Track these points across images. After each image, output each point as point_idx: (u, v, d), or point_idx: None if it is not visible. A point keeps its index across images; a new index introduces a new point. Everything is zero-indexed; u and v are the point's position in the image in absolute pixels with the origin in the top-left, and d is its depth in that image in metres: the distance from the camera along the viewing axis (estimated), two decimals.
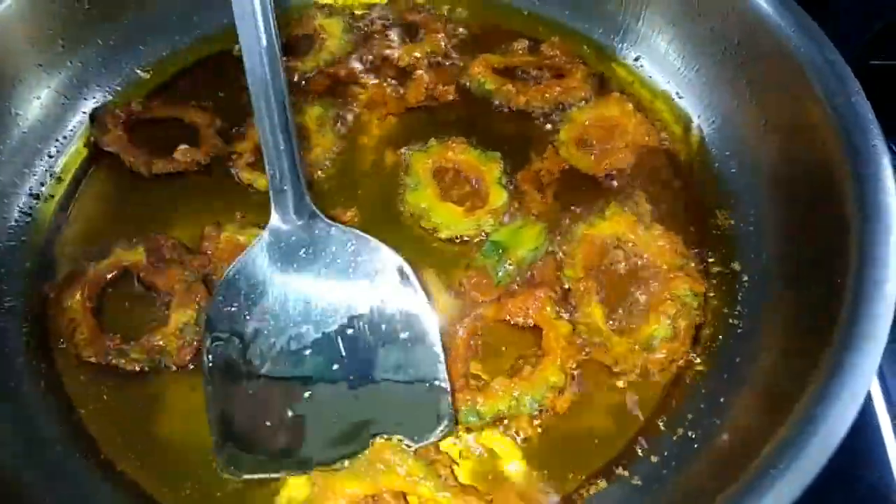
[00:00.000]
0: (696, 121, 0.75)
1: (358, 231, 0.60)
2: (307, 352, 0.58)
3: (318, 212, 0.60)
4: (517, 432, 0.58)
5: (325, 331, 0.58)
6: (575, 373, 0.60)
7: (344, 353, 0.57)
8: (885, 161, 0.55)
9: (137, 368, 0.61)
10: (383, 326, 0.57)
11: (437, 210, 0.69)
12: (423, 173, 0.70)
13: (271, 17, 0.55)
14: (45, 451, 0.58)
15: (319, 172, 0.73)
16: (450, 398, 0.56)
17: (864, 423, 0.64)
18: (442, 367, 0.56)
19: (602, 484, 0.56)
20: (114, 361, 0.61)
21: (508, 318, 0.63)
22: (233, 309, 0.58)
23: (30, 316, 0.65)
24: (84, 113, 0.76)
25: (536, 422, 0.59)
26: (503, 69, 0.79)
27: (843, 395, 0.45)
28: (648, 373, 0.60)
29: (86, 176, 0.74)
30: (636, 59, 0.80)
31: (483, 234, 0.67)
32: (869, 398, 0.65)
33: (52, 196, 0.72)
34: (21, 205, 0.71)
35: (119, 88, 0.79)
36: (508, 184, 0.70)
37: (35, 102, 0.74)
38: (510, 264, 0.64)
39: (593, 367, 0.61)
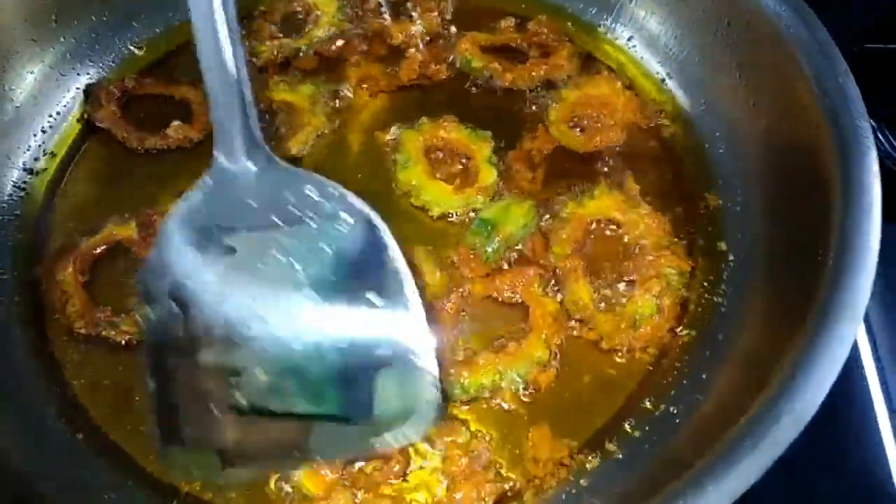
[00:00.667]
0: (686, 102, 0.75)
1: (320, 176, 0.51)
2: (259, 323, 0.48)
3: (273, 154, 0.50)
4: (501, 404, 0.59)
5: (282, 297, 0.48)
6: (557, 350, 0.61)
7: (307, 323, 0.47)
8: (869, 142, 0.56)
9: (127, 340, 0.62)
10: (353, 290, 0.47)
11: (427, 188, 0.69)
12: (414, 151, 0.71)
13: None
14: (38, 423, 0.59)
15: (311, 149, 0.73)
16: (437, 379, 0.48)
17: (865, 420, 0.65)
18: (429, 344, 0.48)
19: (584, 458, 0.57)
20: (104, 333, 0.61)
21: (496, 294, 0.63)
22: (171, 270, 0.49)
23: (22, 289, 0.65)
24: (77, 89, 0.77)
25: (523, 398, 0.59)
26: (490, 47, 0.79)
27: (816, 372, 0.46)
28: (634, 349, 0.61)
29: (79, 152, 0.74)
30: (629, 40, 0.80)
31: (473, 211, 0.68)
32: (868, 392, 0.66)
33: (46, 171, 0.73)
34: (14, 179, 0.71)
35: (113, 65, 0.79)
36: (499, 162, 0.70)
37: (28, 78, 0.74)
38: (499, 241, 0.65)
39: (579, 344, 0.62)
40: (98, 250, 0.66)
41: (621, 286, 0.64)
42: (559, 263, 0.64)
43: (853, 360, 0.68)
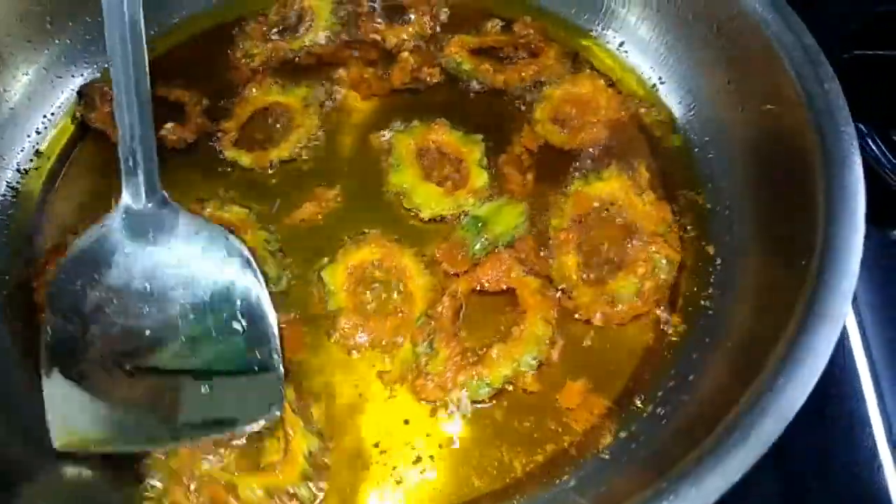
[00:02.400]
0: (676, 106, 0.76)
1: (206, 219, 0.62)
2: (147, 333, 0.58)
3: (168, 198, 0.61)
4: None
5: (166, 313, 0.58)
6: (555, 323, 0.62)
7: (183, 338, 0.58)
8: (854, 147, 0.56)
9: None
10: (223, 314, 0.58)
11: (418, 190, 0.70)
12: (406, 154, 0.71)
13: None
14: (23, 420, 0.59)
15: (303, 151, 0.74)
16: (282, 385, 0.57)
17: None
18: (277, 356, 0.57)
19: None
20: None
21: (481, 286, 0.64)
22: (76, 287, 0.58)
23: (14, 288, 0.66)
24: (72, 90, 0.77)
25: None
26: (478, 49, 0.80)
27: (798, 374, 0.46)
28: (609, 322, 0.63)
29: (72, 152, 0.75)
30: (620, 45, 0.81)
31: (463, 214, 0.69)
32: (862, 395, 0.67)
33: (39, 171, 0.73)
34: (7, 179, 0.72)
35: (107, 66, 0.80)
36: (489, 166, 0.71)
37: (23, 79, 0.75)
38: (487, 239, 0.66)
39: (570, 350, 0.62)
40: None
41: (608, 264, 0.65)
42: (553, 234, 0.66)
43: (848, 361, 0.68)
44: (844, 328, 0.69)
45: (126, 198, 0.60)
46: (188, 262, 0.60)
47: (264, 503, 0.54)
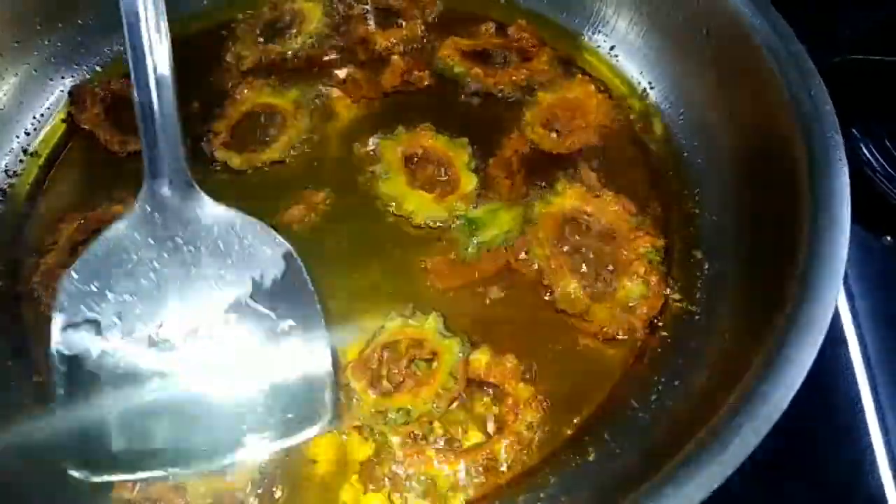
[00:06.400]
0: (667, 111, 0.76)
1: (242, 212, 0.56)
2: (175, 342, 0.52)
3: (197, 187, 0.55)
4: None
5: (197, 320, 0.53)
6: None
7: (218, 345, 0.52)
8: (840, 153, 0.56)
9: None
10: (265, 317, 0.53)
11: (409, 197, 0.69)
12: (394, 161, 0.71)
13: None
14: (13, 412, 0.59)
15: (293, 153, 0.74)
16: (334, 390, 0.53)
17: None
18: (327, 357, 0.53)
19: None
20: None
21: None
22: (92, 289, 0.52)
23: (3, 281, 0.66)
24: (62, 91, 0.77)
25: None
26: (471, 52, 0.80)
27: (782, 380, 0.46)
28: (635, 330, 0.62)
29: (62, 153, 0.75)
30: (611, 49, 0.81)
31: (455, 218, 0.68)
32: (859, 399, 0.67)
33: (28, 172, 0.73)
34: None
35: (98, 68, 0.80)
36: (479, 169, 0.71)
37: (12, 80, 0.75)
38: (479, 242, 0.66)
39: (558, 352, 0.62)
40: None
41: (606, 274, 0.65)
42: (543, 264, 0.65)
43: (845, 364, 0.68)
44: (842, 331, 0.70)
45: (147, 190, 0.54)
46: (223, 260, 0.53)
47: None
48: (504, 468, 0.57)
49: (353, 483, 0.55)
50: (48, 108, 0.77)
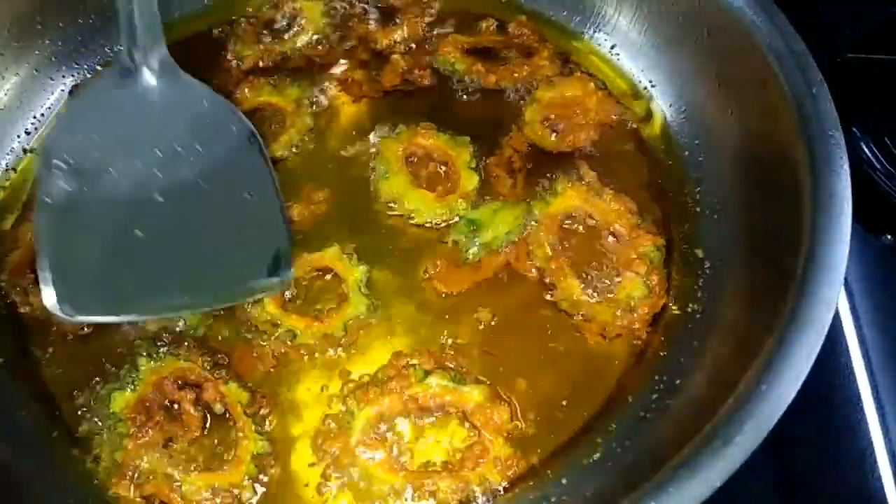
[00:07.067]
0: (668, 109, 0.76)
1: (213, 91, 0.62)
2: (148, 192, 0.56)
3: (175, 64, 0.60)
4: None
5: (169, 176, 0.57)
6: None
7: (185, 201, 0.57)
8: (842, 152, 0.56)
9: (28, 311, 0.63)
10: (226, 181, 0.58)
11: (409, 196, 0.69)
12: (395, 160, 0.71)
13: None
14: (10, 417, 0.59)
15: (294, 152, 0.74)
16: (289, 246, 0.60)
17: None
18: (282, 219, 0.60)
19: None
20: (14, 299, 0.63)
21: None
22: (76, 139, 0.56)
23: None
24: (62, 91, 0.77)
25: None
26: (472, 49, 0.80)
27: (781, 379, 0.47)
28: (636, 331, 0.62)
29: None
30: (612, 48, 0.81)
31: (456, 217, 0.69)
32: (859, 399, 0.67)
33: (28, 171, 0.73)
34: None
35: (98, 67, 0.80)
36: (479, 168, 0.71)
37: (13, 80, 0.75)
38: (480, 243, 0.66)
39: (559, 353, 0.62)
40: None
41: (608, 274, 0.65)
42: (544, 266, 0.65)
43: (845, 363, 0.68)
44: (842, 331, 0.70)
45: (128, 53, 0.58)
46: (194, 128, 0.59)
47: (207, 502, 0.54)
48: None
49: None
50: (49, 108, 0.77)
